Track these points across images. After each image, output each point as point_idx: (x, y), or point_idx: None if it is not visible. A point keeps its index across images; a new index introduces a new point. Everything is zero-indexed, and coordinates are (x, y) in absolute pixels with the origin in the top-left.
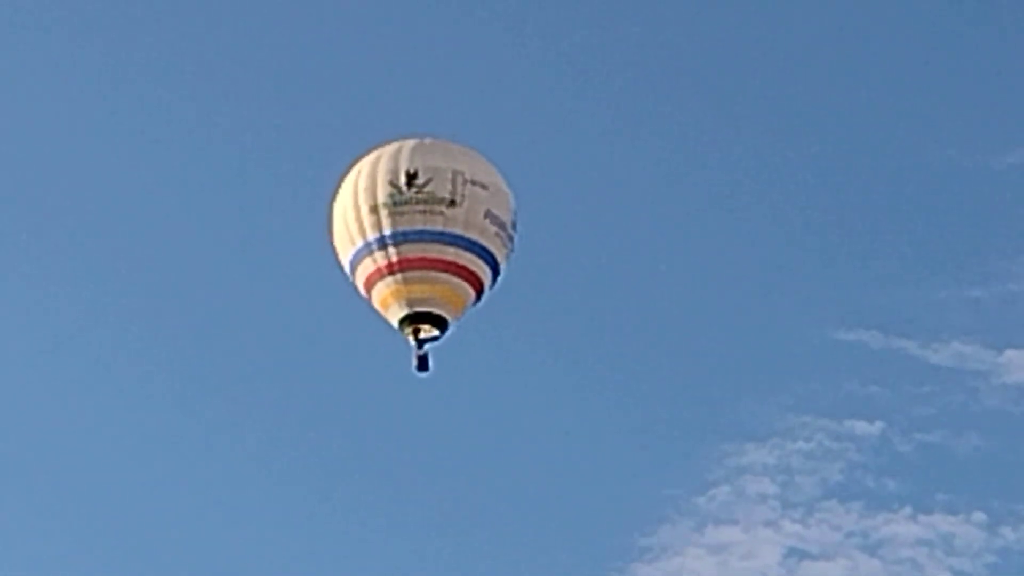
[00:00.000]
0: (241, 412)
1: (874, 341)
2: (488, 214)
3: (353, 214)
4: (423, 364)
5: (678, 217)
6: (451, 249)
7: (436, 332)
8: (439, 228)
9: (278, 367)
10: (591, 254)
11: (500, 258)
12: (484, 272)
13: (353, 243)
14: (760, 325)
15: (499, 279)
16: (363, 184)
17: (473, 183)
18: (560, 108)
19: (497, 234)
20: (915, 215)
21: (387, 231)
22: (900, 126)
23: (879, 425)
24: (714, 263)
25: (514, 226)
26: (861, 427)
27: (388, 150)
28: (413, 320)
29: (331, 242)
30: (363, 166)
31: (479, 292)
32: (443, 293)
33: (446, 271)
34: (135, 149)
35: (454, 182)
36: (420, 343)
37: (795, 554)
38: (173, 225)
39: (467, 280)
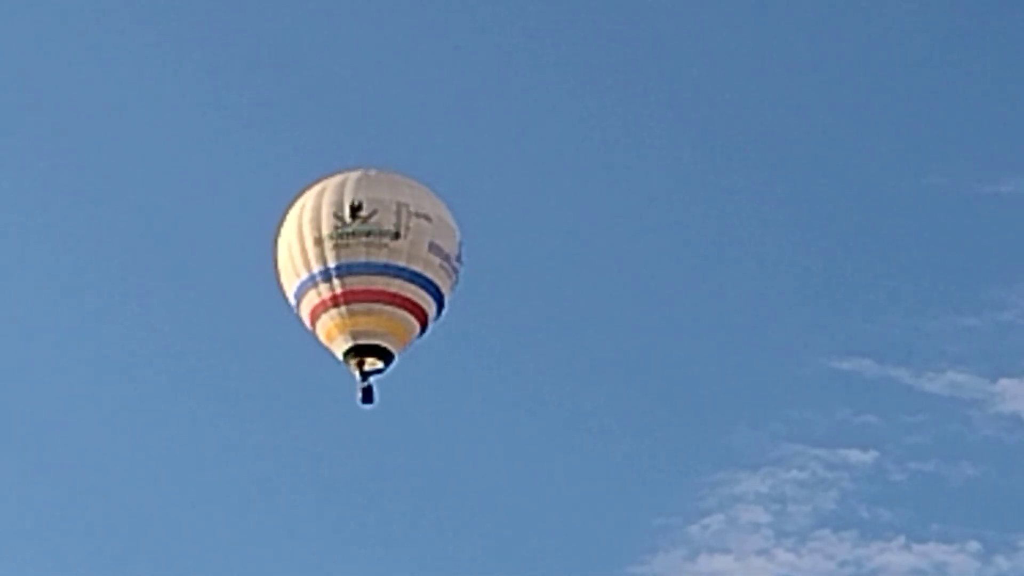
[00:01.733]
0: (187, 444)
1: (868, 370)
2: (432, 246)
3: (298, 246)
4: (368, 396)
5: (666, 244)
6: (396, 281)
7: (381, 364)
8: (383, 260)
9: (223, 397)
10: (554, 281)
11: (445, 290)
12: (428, 304)
13: (298, 275)
14: (753, 353)
15: (444, 311)
16: (308, 216)
17: (418, 215)
18: (512, 137)
19: (442, 266)
20: (909, 243)
21: (331, 263)
22: (893, 154)
23: (873, 454)
24: (706, 290)
25: (459, 259)
26: (855, 456)
27: (333, 182)
28: (358, 352)
29: (276, 275)
30: (308, 198)
31: (423, 324)
32: (387, 325)
33: (391, 303)
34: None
35: (399, 214)
36: (364, 375)
37: None
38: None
39: (411, 312)
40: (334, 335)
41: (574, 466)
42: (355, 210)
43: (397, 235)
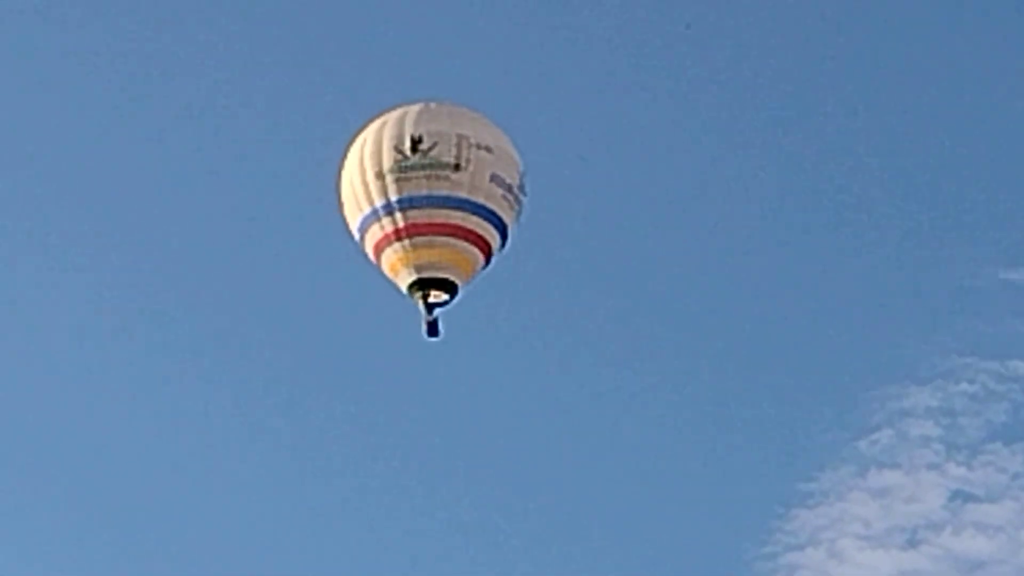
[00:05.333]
0: (254, 383)
1: None
2: (494, 177)
3: (359, 180)
4: (433, 329)
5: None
6: (458, 213)
7: (445, 296)
8: (445, 192)
9: (291, 335)
10: (627, 208)
11: (508, 221)
12: (492, 235)
13: (360, 210)
14: (923, 266)
15: (508, 242)
16: (368, 150)
17: (478, 147)
18: (572, 68)
19: (504, 197)
20: None
21: (393, 197)
22: None
23: None
24: (873, 201)
25: (522, 189)
26: None
27: (393, 116)
28: (422, 285)
29: (340, 210)
30: (368, 133)
31: (488, 256)
32: (451, 257)
33: (453, 235)
34: (143, 124)
35: (459, 146)
36: (430, 308)
37: (960, 497)
38: (184, 198)
39: (475, 244)
40: (398, 268)
41: (736, 384)
42: (415, 143)
43: (458, 167)
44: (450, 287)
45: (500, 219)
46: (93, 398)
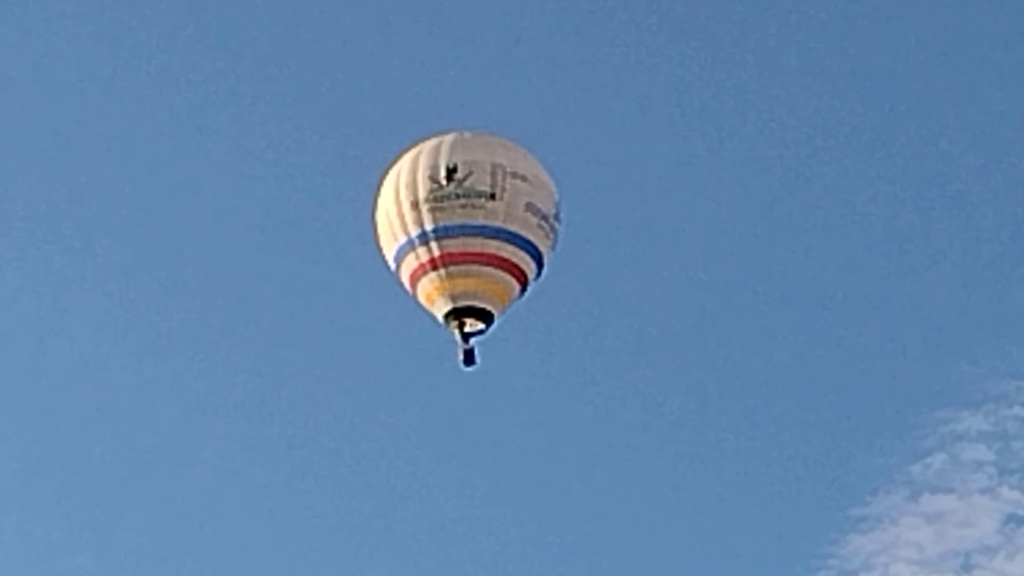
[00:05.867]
0: (289, 409)
1: None
2: (529, 206)
3: (395, 210)
4: (470, 358)
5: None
6: (493, 242)
7: (481, 325)
8: (480, 222)
9: (327, 365)
10: (662, 237)
11: (543, 249)
12: (528, 264)
13: (396, 239)
14: (973, 290)
15: (544, 271)
16: (404, 180)
17: (514, 176)
18: (604, 96)
19: (539, 225)
20: None
21: (428, 226)
22: None
23: None
24: (924, 229)
25: (557, 217)
26: None
27: (428, 145)
28: (458, 314)
29: (375, 240)
30: (404, 162)
31: (523, 284)
32: (487, 287)
33: (489, 264)
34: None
35: (494, 175)
36: (466, 337)
37: (1013, 521)
38: (219, 224)
39: (511, 273)
40: (434, 298)
41: (788, 409)
42: (450, 173)
43: (493, 196)
44: (486, 316)
45: (536, 248)
46: (184, 356)
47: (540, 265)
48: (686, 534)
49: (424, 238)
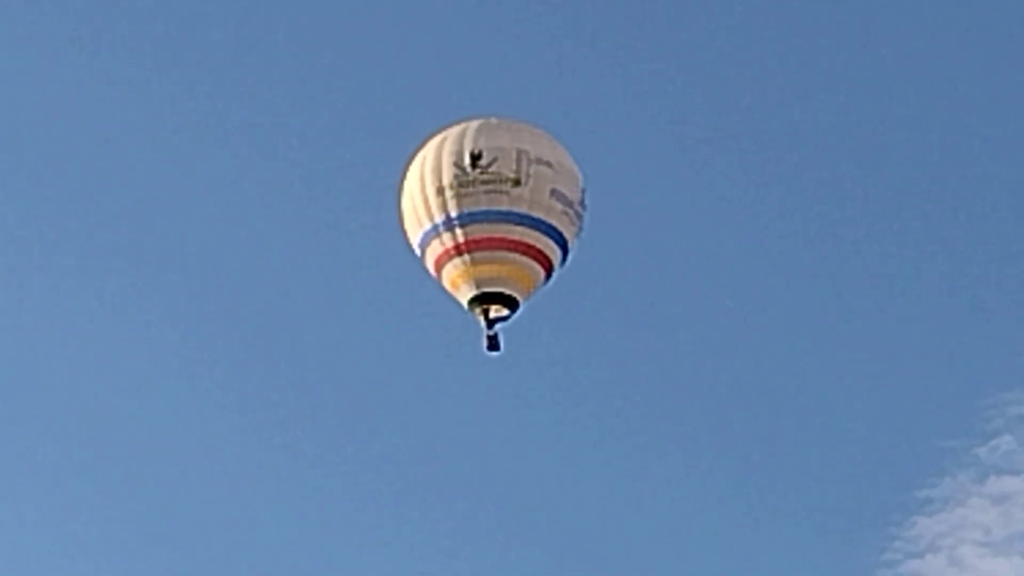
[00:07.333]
0: (315, 395)
1: None
2: (554, 192)
3: (420, 196)
4: (494, 344)
5: None
6: (518, 228)
7: (506, 311)
8: (504, 208)
9: (351, 348)
10: (685, 223)
11: (568, 236)
12: (552, 251)
13: (421, 225)
14: None
15: (569, 257)
16: (429, 166)
17: (538, 162)
18: (630, 82)
19: (564, 212)
20: None
21: (453, 212)
22: None
23: None
24: (978, 207)
25: (583, 204)
26: None
27: (453, 132)
28: (483, 300)
29: (401, 225)
30: (429, 149)
31: (548, 271)
32: (512, 272)
33: (514, 251)
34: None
35: (519, 161)
36: (490, 323)
37: None
38: (247, 212)
39: (535, 259)
40: (459, 284)
41: (855, 391)
42: (475, 159)
43: (518, 182)
44: (511, 302)
45: (561, 234)
46: (215, 343)
47: (565, 251)
48: (752, 517)
49: (449, 224)
